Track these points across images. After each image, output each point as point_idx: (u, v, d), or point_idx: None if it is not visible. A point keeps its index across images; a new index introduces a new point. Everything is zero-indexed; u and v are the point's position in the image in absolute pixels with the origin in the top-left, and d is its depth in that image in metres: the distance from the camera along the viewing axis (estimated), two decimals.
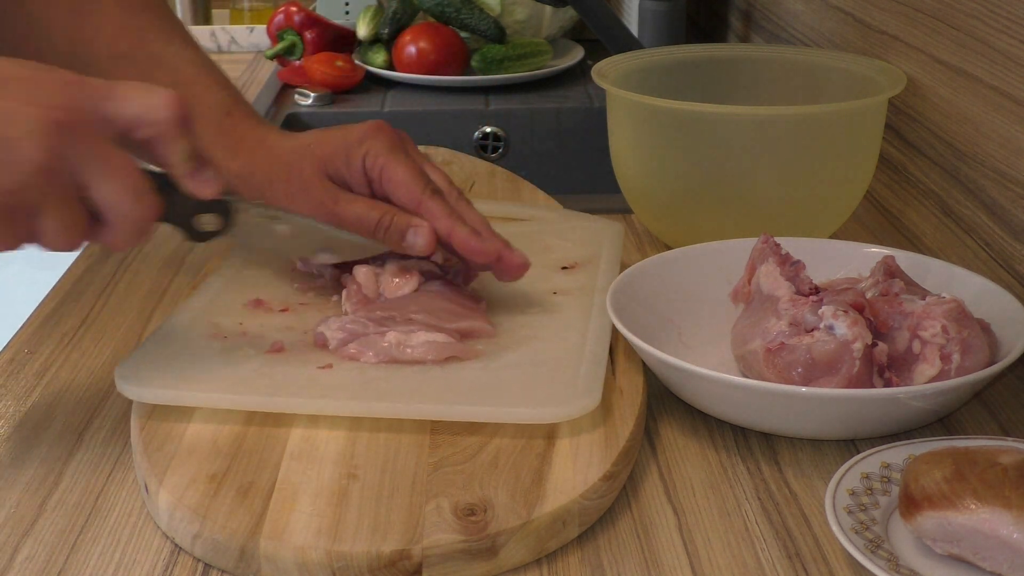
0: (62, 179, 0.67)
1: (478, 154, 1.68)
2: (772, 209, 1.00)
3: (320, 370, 0.79)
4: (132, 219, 0.70)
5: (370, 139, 0.87)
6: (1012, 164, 0.91)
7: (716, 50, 1.24)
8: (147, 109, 0.71)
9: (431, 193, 0.85)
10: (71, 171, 0.68)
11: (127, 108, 0.70)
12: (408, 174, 0.86)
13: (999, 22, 0.92)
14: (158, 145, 0.72)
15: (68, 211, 0.68)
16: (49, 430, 0.79)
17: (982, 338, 0.75)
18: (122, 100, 0.70)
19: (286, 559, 0.63)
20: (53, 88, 0.68)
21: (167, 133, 0.71)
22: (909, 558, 0.64)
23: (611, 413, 0.75)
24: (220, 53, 2.13)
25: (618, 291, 0.84)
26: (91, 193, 0.69)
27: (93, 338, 0.92)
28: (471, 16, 1.77)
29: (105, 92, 0.70)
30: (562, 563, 0.66)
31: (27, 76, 0.68)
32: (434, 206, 0.85)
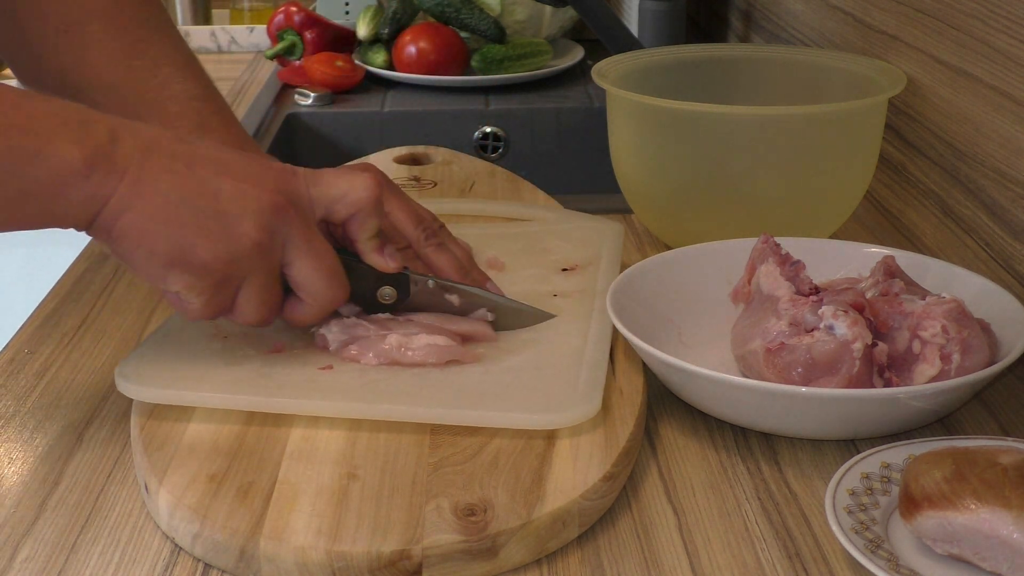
0: (271, 256, 0.75)
1: (478, 154, 1.68)
2: (772, 209, 1.00)
3: (320, 371, 0.79)
4: (324, 298, 0.78)
5: (352, 206, 0.85)
6: (1012, 164, 0.91)
7: (716, 50, 1.24)
8: (349, 191, 0.79)
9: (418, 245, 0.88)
10: (277, 249, 0.75)
11: (331, 190, 0.78)
12: (402, 211, 0.88)
13: (999, 22, 0.92)
14: (352, 222, 0.80)
15: (270, 286, 0.76)
16: (49, 430, 0.79)
17: (982, 338, 0.75)
18: (327, 185, 0.78)
19: (286, 559, 0.63)
20: (273, 175, 0.76)
21: (365, 211, 0.79)
22: (909, 558, 0.64)
23: (611, 413, 0.75)
24: (220, 53, 2.13)
25: (618, 291, 0.84)
26: (291, 271, 0.76)
27: (93, 338, 0.92)
28: (471, 16, 1.77)
29: (314, 179, 0.78)
30: (562, 563, 0.66)
31: (250, 162, 0.76)
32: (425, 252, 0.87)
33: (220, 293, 0.75)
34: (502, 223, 1.07)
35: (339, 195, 0.78)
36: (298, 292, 0.78)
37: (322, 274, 0.77)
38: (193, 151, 0.75)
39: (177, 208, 0.72)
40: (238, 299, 0.76)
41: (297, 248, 0.76)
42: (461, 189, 1.19)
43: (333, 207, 0.79)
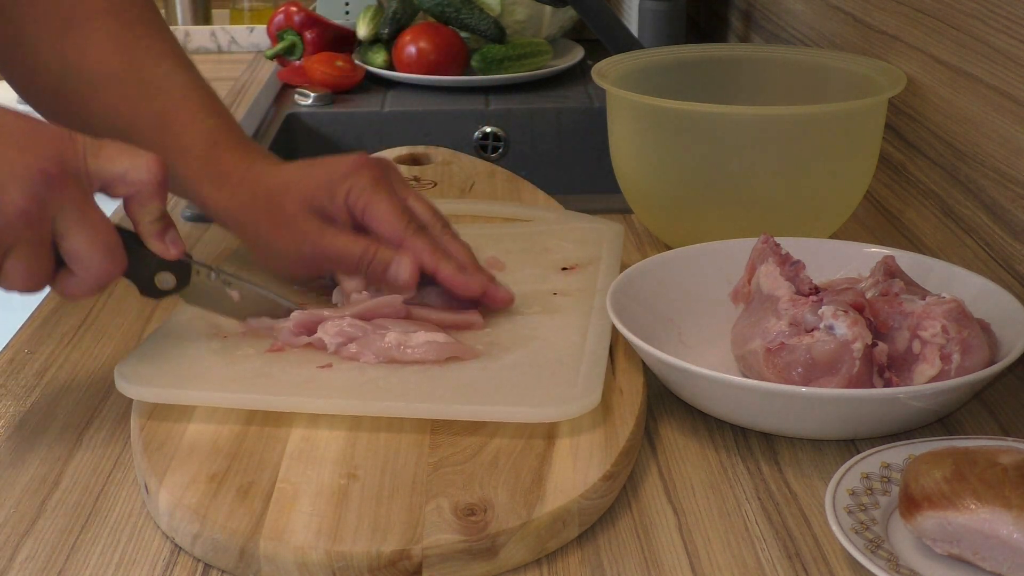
0: (40, 226, 0.71)
1: (478, 154, 1.68)
2: (772, 209, 1.00)
3: (319, 369, 0.79)
4: (98, 272, 0.74)
5: (353, 175, 0.87)
6: (1012, 164, 0.91)
7: (716, 50, 1.24)
8: (130, 169, 0.74)
9: (414, 229, 0.86)
10: (50, 219, 0.71)
11: (112, 166, 0.74)
12: (391, 210, 0.86)
13: (999, 22, 0.92)
14: (133, 203, 0.76)
15: (38, 256, 0.72)
16: (49, 430, 0.79)
17: (982, 338, 0.75)
18: (107, 159, 0.74)
19: (286, 559, 0.63)
20: (46, 140, 0.72)
21: (144, 193, 0.76)
22: (909, 558, 0.64)
23: (611, 413, 0.75)
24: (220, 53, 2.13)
25: (618, 291, 0.84)
26: (64, 242, 0.72)
27: (93, 338, 0.92)
28: (471, 16, 1.77)
29: (93, 149, 0.74)
30: (562, 563, 0.66)
31: (23, 127, 0.72)
32: (418, 242, 0.85)
33: None
34: (502, 223, 1.07)
35: (119, 173, 0.75)
36: (70, 264, 0.74)
37: (96, 247, 0.73)
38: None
39: None
40: (4, 267, 0.72)
41: (70, 219, 0.72)
42: (461, 189, 1.19)
43: (112, 184, 0.75)
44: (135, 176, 0.75)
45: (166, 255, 0.79)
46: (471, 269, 0.87)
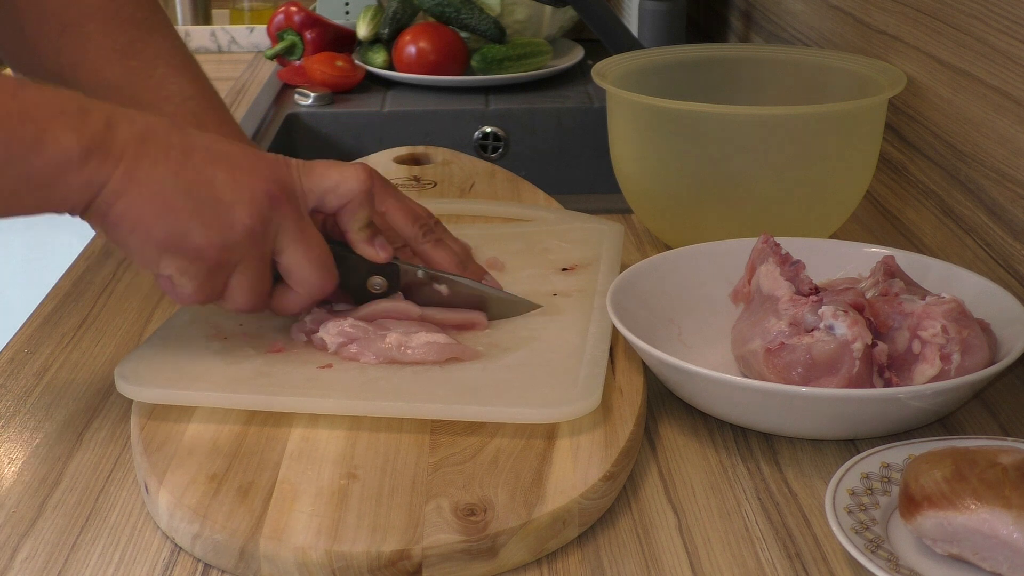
0: (263, 243, 0.76)
1: (478, 154, 1.68)
2: (772, 209, 1.00)
3: (320, 370, 0.79)
4: (313, 286, 0.79)
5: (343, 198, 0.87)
6: (1012, 164, 0.91)
7: (716, 50, 1.24)
8: (340, 181, 0.80)
9: (399, 247, 0.87)
10: (270, 237, 0.76)
11: (324, 181, 0.80)
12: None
13: (999, 22, 0.92)
14: (344, 213, 0.81)
15: (260, 272, 0.77)
16: (49, 430, 0.79)
17: (982, 338, 0.75)
18: (319, 176, 0.80)
19: (286, 559, 0.63)
20: (266, 164, 0.78)
21: (355, 202, 0.81)
22: (909, 558, 0.64)
23: (611, 413, 0.75)
24: (220, 53, 2.13)
25: (618, 291, 0.84)
26: (283, 258, 0.78)
27: (93, 338, 0.92)
28: (471, 16, 1.77)
29: (306, 169, 0.80)
30: (562, 563, 0.66)
31: (246, 153, 0.77)
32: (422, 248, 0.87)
33: (212, 278, 0.76)
34: (502, 223, 1.07)
35: (331, 186, 0.80)
36: (288, 280, 0.79)
37: (312, 263, 0.78)
38: (189, 140, 0.76)
39: (172, 195, 0.73)
40: (229, 285, 0.77)
41: (289, 237, 0.77)
42: (461, 189, 1.19)
43: (325, 197, 0.80)
44: (346, 187, 0.80)
45: (376, 259, 0.83)
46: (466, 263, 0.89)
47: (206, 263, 0.75)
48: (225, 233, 0.74)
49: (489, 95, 1.75)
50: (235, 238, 0.75)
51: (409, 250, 0.88)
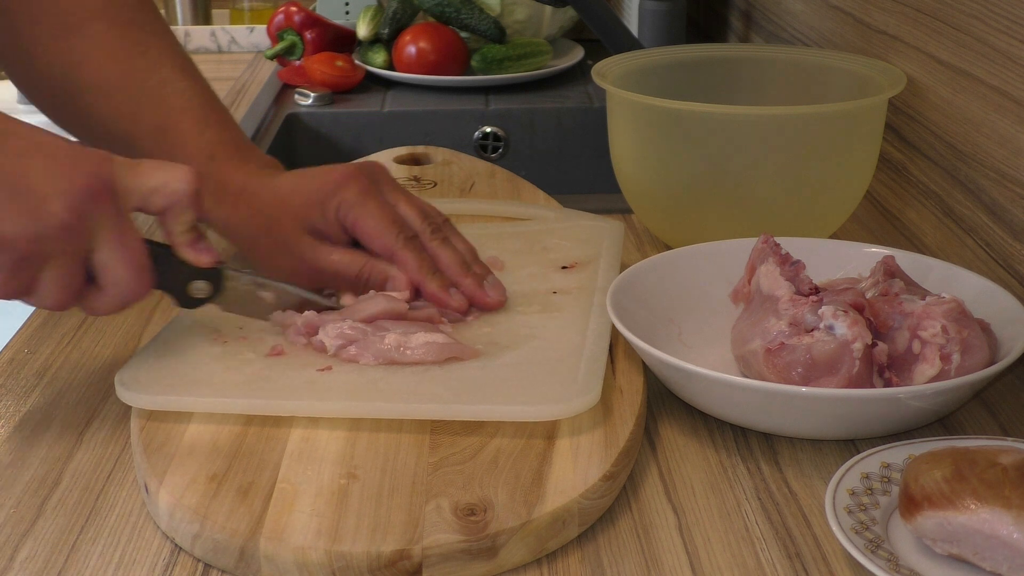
0: (78, 238, 0.73)
1: (478, 154, 1.68)
2: (772, 209, 1.00)
3: (319, 372, 0.79)
4: (126, 289, 0.76)
5: (342, 189, 0.88)
6: (1012, 164, 0.91)
7: (716, 50, 1.24)
8: (166, 181, 0.77)
9: (404, 242, 0.87)
10: (85, 233, 0.73)
11: (149, 180, 0.76)
12: (379, 225, 0.87)
13: (999, 22, 0.92)
14: (168, 215, 0.78)
15: (71, 269, 0.74)
16: (49, 430, 0.79)
17: (982, 338, 0.75)
18: (144, 174, 0.76)
19: (286, 559, 0.63)
20: (87, 158, 0.74)
21: (180, 204, 0.77)
22: (909, 558, 0.64)
23: (611, 413, 0.75)
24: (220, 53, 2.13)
25: (618, 291, 0.84)
26: (97, 257, 0.74)
27: (93, 338, 0.92)
28: (471, 16, 1.77)
29: (130, 165, 0.76)
30: (562, 563, 0.66)
31: (65, 146, 0.74)
32: (406, 256, 0.87)
33: (21, 272, 0.72)
34: (502, 222, 1.07)
35: (156, 186, 0.76)
36: (100, 280, 0.76)
37: (128, 265, 0.75)
38: (5, 127, 0.73)
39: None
40: (39, 280, 0.73)
41: (106, 235, 0.74)
42: (461, 189, 1.19)
43: (150, 198, 0.77)
44: (171, 187, 0.77)
45: (198, 263, 0.81)
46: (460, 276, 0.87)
47: (15, 254, 0.71)
48: (38, 225, 0.71)
49: (489, 95, 1.75)
50: (48, 231, 0.71)
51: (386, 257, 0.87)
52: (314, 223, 0.88)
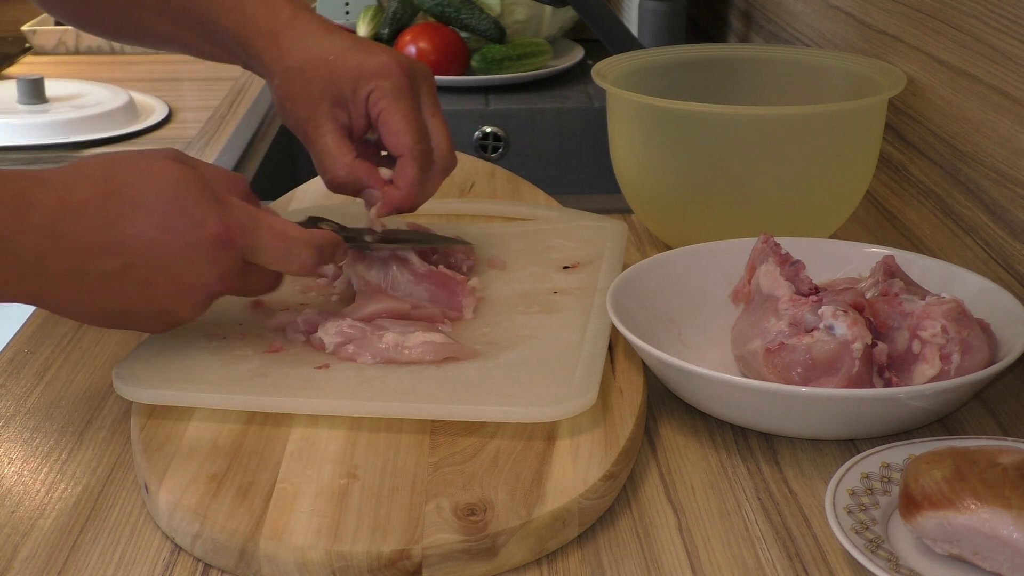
0: (233, 271, 0.78)
1: (478, 154, 1.68)
2: (772, 209, 1.00)
3: (317, 370, 0.79)
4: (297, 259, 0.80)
5: (381, 77, 0.88)
6: (1012, 164, 0.91)
7: (716, 50, 1.24)
8: (286, 263, 0.80)
9: (415, 156, 0.88)
10: (236, 255, 0.77)
11: (268, 257, 0.79)
12: (404, 126, 0.87)
13: (999, 22, 0.92)
14: None
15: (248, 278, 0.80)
16: (49, 430, 0.79)
17: (982, 338, 0.75)
18: (266, 250, 0.79)
19: (286, 559, 0.63)
20: (199, 250, 0.76)
21: None
22: (909, 558, 0.64)
23: (611, 413, 0.75)
24: None
25: (618, 291, 0.84)
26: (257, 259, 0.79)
27: (93, 338, 0.92)
28: (471, 16, 1.77)
29: (252, 231, 0.78)
30: (562, 563, 0.66)
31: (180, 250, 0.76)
32: (411, 168, 0.87)
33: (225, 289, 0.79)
34: (505, 222, 1.07)
35: (272, 261, 0.80)
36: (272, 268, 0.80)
37: (281, 246, 0.78)
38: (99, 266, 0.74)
39: (121, 316, 0.77)
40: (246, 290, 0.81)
41: (250, 239, 0.77)
42: (461, 189, 1.19)
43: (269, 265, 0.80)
44: (291, 268, 0.80)
45: None
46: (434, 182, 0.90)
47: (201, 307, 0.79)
48: (196, 306, 0.78)
49: (489, 95, 1.75)
50: (205, 300, 0.78)
51: None
52: (343, 95, 0.88)
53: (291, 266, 0.79)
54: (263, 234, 0.77)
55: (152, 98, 1.77)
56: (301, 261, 0.79)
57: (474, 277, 0.92)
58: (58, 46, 2.13)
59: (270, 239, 0.78)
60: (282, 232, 0.78)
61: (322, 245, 0.80)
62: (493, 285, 0.92)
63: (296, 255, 0.79)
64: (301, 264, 0.79)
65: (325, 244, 0.81)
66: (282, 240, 0.78)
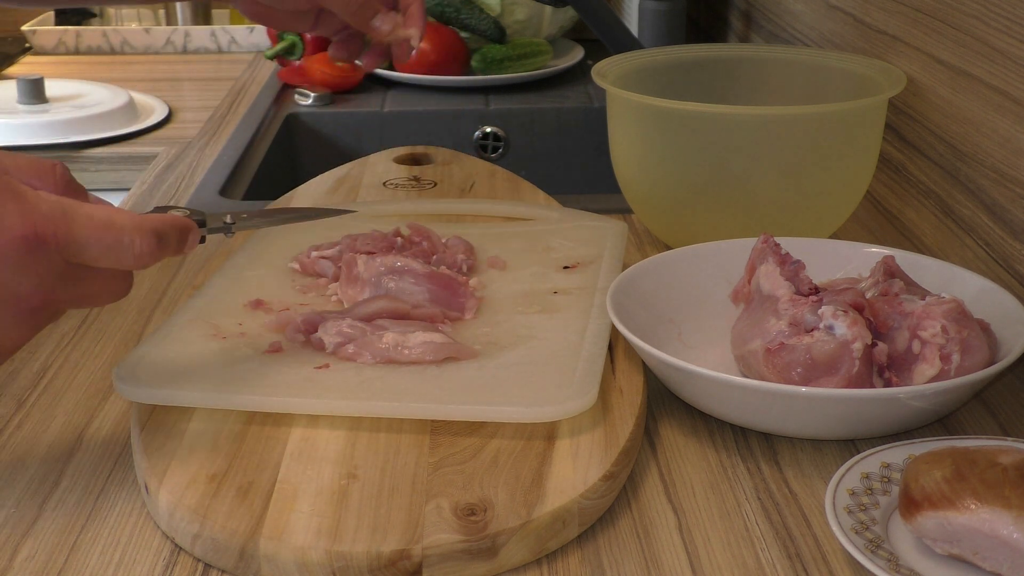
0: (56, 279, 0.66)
1: (478, 154, 1.68)
2: (772, 209, 1.00)
3: (317, 370, 0.79)
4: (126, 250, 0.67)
5: None
6: (1012, 164, 0.91)
7: (716, 50, 1.24)
8: (114, 251, 0.67)
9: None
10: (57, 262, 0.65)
11: (92, 242, 0.66)
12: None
13: (999, 22, 0.92)
14: None
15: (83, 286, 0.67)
16: (49, 430, 0.79)
17: (982, 338, 0.75)
18: (89, 233, 0.66)
19: (286, 559, 0.63)
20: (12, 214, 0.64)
21: None
22: (909, 558, 0.64)
23: (611, 413, 0.75)
24: (220, 53, 2.13)
25: (618, 291, 0.84)
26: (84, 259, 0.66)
27: (93, 338, 0.92)
28: (471, 16, 1.77)
29: (70, 219, 0.66)
30: (562, 563, 0.66)
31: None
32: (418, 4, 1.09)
33: (57, 313, 0.68)
34: (505, 222, 1.07)
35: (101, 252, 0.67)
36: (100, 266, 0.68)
37: (108, 237, 0.66)
38: None
39: None
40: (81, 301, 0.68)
41: (66, 234, 0.65)
42: (461, 189, 1.19)
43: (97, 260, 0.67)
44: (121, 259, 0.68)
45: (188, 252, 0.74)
46: None
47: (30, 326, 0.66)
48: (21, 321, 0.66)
49: (489, 95, 1.75)
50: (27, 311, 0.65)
51: None
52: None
53: (125, 258, 0.67)
54: (81, 226, 0.65)
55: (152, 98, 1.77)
56: (136, 251, 0.67)
57: (474, 277, 0.92)
58: (58, 46, 2.14)
59: (91, 231, 0.65)
60: (106, 221, 0.66)
61: (161, 230, 0.68)
62: (493, 285, 0.92)
63: (128, 246, 0.66)
64: (137, 255, 0.67)
65: (165, 228, 0.69)
66: (107, 230, 0.66)
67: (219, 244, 1.09)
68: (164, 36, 2.14)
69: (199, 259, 1.07)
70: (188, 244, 0.72)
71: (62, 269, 0.65)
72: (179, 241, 0.71)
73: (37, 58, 2.11)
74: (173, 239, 0.70)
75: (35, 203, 0.64)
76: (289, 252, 0.98)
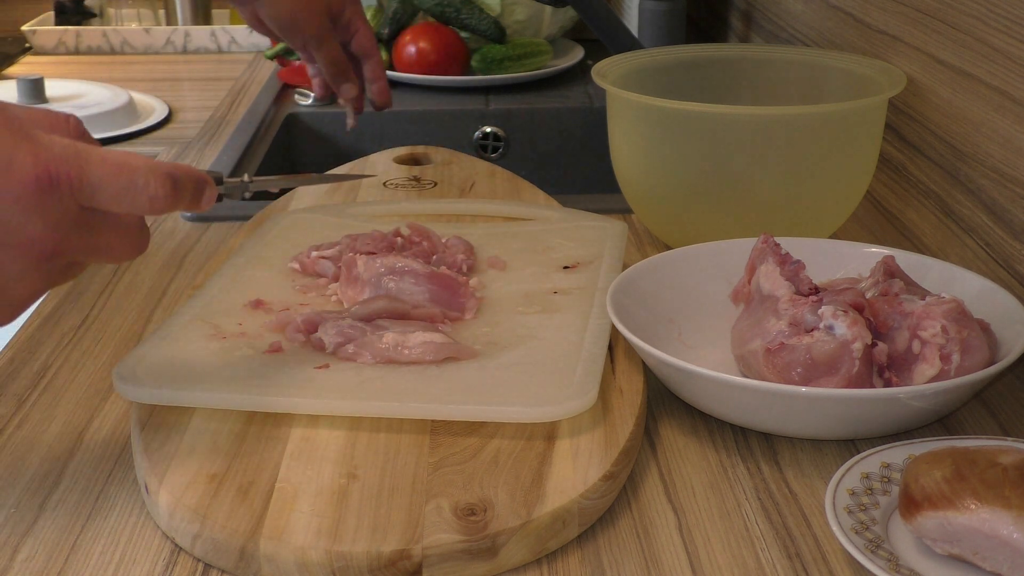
0: (71, 225, 0.64)
1: (478, 154, 1.68)
2: (772, 209, 1.00)
3: (317, 370, 0.79)
4: (143, 193, 0.66)
5: None
6: (1012, 164, 0.91)
7: (716, 50, 1.24)
8: (130, 194, 0.66)
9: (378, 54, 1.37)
10: (71, 206, 0.64)
11: (108, 186, 0.65)
12: (370, 33, 1.37)
13: (999, 22, 0.92)
14: None
15: (102, 232, 0.66)
16: (49, 430, 0.79)
17: (982, 338, 0.75)
18: (105, 178, 0.65)
19: (286, 559, 0.63)
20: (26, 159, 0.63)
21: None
22: (909, 558, 0.64)
23: (611, 413, 0.75)
24: (220, 53, 2.13)
25: (618, 291, 0.84)
26: (98, 203, 0.65)
27: (93, 338, 0.92)
28: (471, 16, 1.77)
29: (85, 162, 0.64)
30: (562, 563, 0.66)
31: None
32: (380, 66, 1.38)
33: (72, 267, 0.67)
34: (506, 222, 1.07)
35: (117, 194, 0.65)
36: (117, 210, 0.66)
37: (122, 178, 0.65)
38: None
39: None
40: (96, 256, 0.67)
41: (79, 175, 0.63)
42: (461, 189, 1.19)
43: (111, 205, 0.65)
44: (138, 202, 0.66)
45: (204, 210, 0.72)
46: None
47: (50, 275, 0.65)
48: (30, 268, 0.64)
49: (489, 95, 1.75)
50: (42, 257, 0.63)
51: None
52: (336, 10, 1.33)
53: (139, 200, 0.65)
54: (95, 167, 0.63)
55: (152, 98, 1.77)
56: (151, 193, 0.65)
57: (474, 277, 0.92)
58: (58, 46, 2.14)
59: (105, 172, 0.64)
60: (120, 162, 0.64)
61: (175, 175, 0.66)
62: (493, 285, 0.92)
63: (143, 187, 0.64)
64: (152, 196, 0.65)
65: (180, 174, 0.67)
66: (121, 171, 0.64)
67: (219, 244, 1.09)
68: (164, 36, 2.14)
69: (199, 259, 1.07)
70: (205, 198, 0.70)
71: (75, 213, 0.63)
72: (195, 192, 0.69)
73: (37, 58, 2.11)
74: (189, 187, 0.68)
75: (48, 145, 0.63)
76: (289, 252, 0.98)
